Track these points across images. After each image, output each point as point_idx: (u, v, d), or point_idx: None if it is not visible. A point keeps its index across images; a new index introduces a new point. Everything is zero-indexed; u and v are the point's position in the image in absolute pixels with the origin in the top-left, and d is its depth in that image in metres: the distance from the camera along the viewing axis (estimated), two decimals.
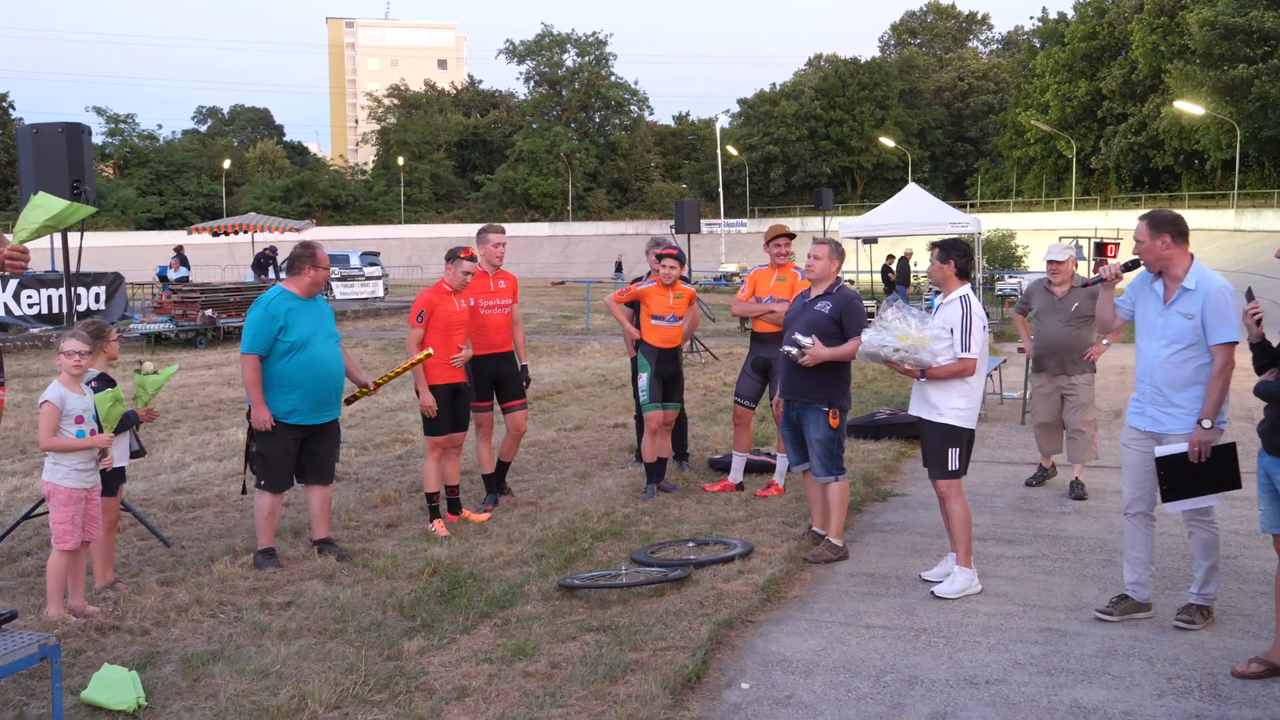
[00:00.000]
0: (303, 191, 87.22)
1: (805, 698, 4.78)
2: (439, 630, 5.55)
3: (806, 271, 7.15)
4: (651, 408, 8.53)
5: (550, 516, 7.82)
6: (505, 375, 8.21)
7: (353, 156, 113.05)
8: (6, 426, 12.20)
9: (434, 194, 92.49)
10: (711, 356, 18.47)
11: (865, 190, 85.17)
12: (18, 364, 18.84)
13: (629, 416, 12.22)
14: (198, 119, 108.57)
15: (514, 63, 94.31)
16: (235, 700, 4.72)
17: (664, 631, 5.48)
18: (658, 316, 8.53)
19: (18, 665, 4.02)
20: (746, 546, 6.88)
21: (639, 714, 4.51)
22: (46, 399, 5.73)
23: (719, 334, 23.07)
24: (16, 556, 6.98)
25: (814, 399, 6.81)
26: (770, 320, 8.43)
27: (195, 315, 22.73)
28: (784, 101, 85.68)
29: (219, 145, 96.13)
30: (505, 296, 8.14)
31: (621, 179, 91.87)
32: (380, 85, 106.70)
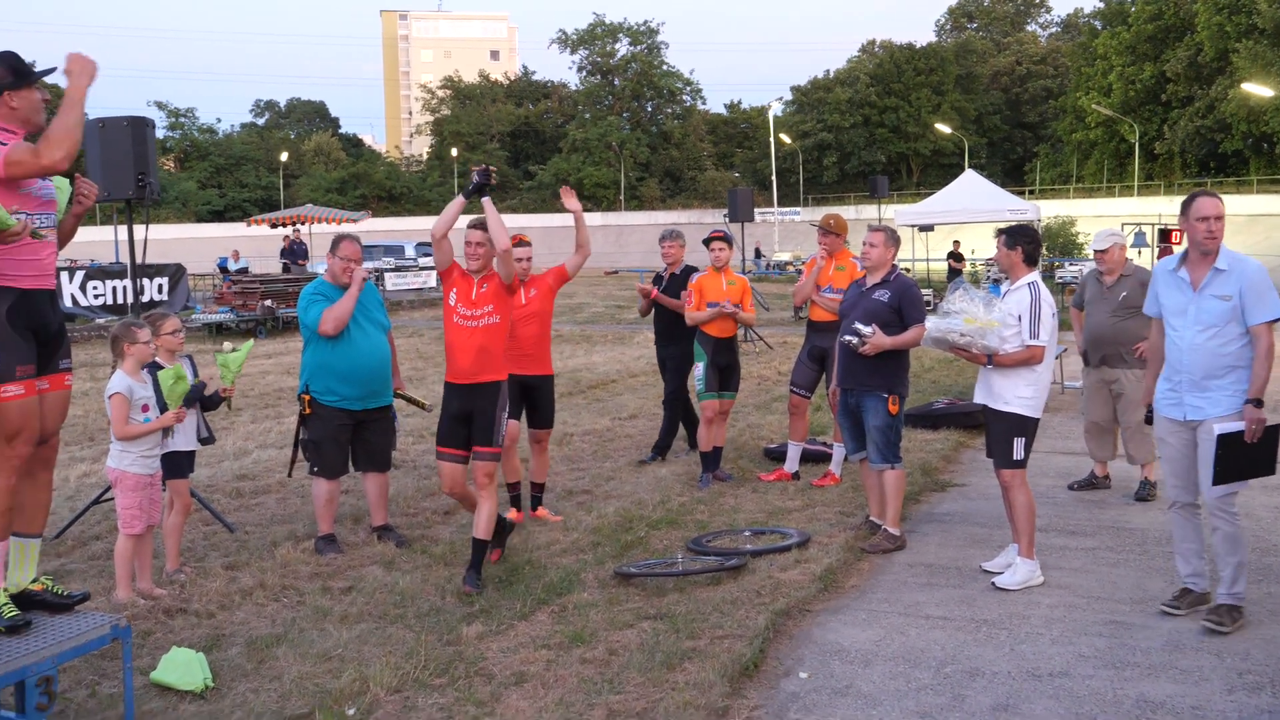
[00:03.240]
0: (358, 183, 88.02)
1: (864, 688, 4.75)
2: (497, 616, 5.59)
3: (862, 259, 7.11)
4: (708, 396, 8.52)
5: (606, 505, 7.84)
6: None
7: (407, 148, 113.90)
8: (75, 414, 12.47)
9: None
10: (766, 346, 18.40)
11: (921, 177, 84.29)
12: (84, 354, 19.24)
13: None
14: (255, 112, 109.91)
15: (566, 52, 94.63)
16: (299, 682, 4.79)
17: (721, 620, 5.48)
18: (713, 303, 8.51)
19: (91, 645, 4.11)
20: (803, 536, 6.85)
21: (697, 702, 4.52)
22: (116, 391, 5.84)
23: (773, 323, 22.97)
24: (86, 540, 7.14)
25: (873, 386, 6.77)
26: (826, 307, 8.38)
27: (255, 305, 23.07)
28: (838, 88, 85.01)
29: (276, 138, 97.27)
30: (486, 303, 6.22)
31: (674, 168, 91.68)
32: (434, 77, 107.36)
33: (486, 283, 6.19)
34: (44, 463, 4.32)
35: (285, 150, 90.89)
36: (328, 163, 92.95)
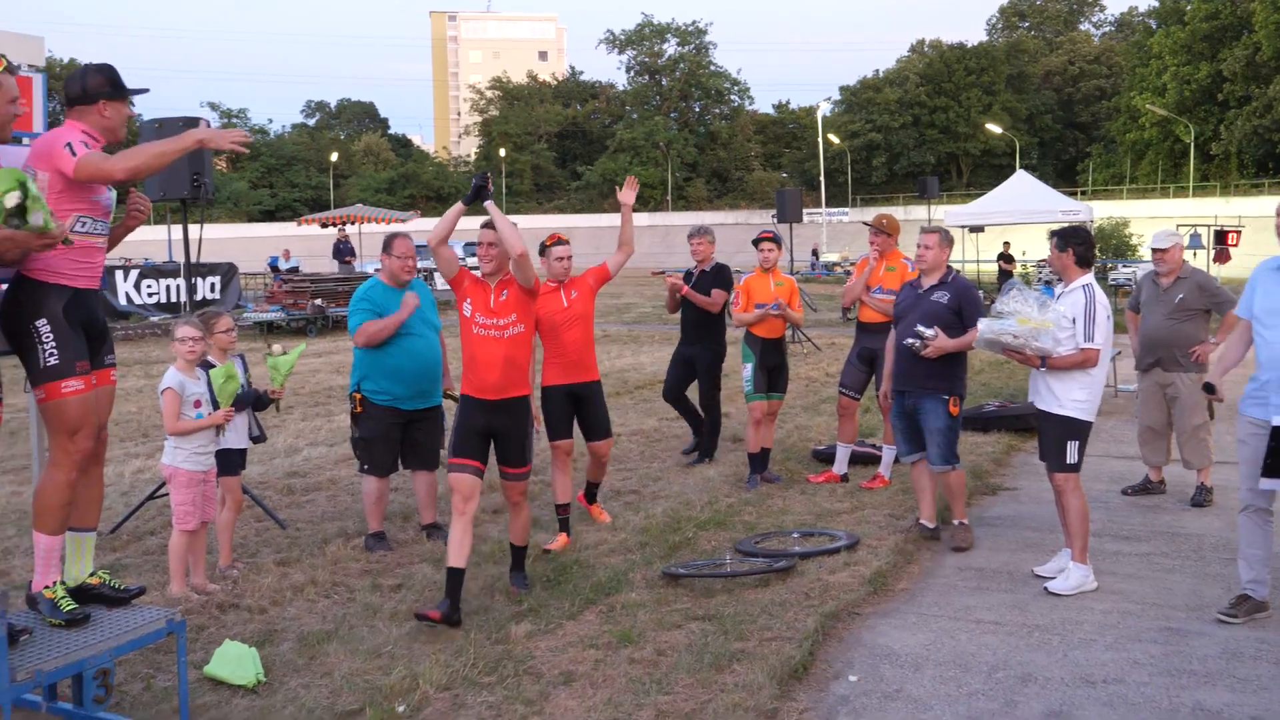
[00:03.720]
0: (407, 183, 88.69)
1: (915, 692, 4.71)
2: (546, 615, 5.60)
3: (917, 261, 7.05)
4: (755, 398, 8.50)
5: (654, 505, 7.84)
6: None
7: (455, 148, 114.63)
8: (129, 410, 12.68)
9: (535, 185, 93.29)
10: (814, 347, 18.31)
11: (971, 178, 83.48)
12: (138, 351, 19.56)
13: (730, 406, 12.19)
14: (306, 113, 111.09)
15: (614, 53, 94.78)
16: (349, 679, 4.83)
17: (769, 622, 5.46)
18: (760, 305, 8.48)
19: (147, 639, 4.16)
20: (852, 538, 6.81)
21: (745, 703, 4.50)
22: (168, 386, 5.94)
23: (821, 324, 22.86)
24: (141, 535, 7.25)
25: (932, 388, 6.73)
26: (876, 308, 8.32)
27: (305, 304, 23.30)
28: (887, 88, 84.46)
29: (326, 139, 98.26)
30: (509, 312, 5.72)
31: (721, 168, 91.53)
32: (482, 77, 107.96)
33: (506, 289, 5.67)
34: (94, 457, 4.39)
35: (335, 151, 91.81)
36: (377, 163, 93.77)
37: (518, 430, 5.71)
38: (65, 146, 3.98)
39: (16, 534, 7.12)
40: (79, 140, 4.01)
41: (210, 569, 6.28)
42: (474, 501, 5.59)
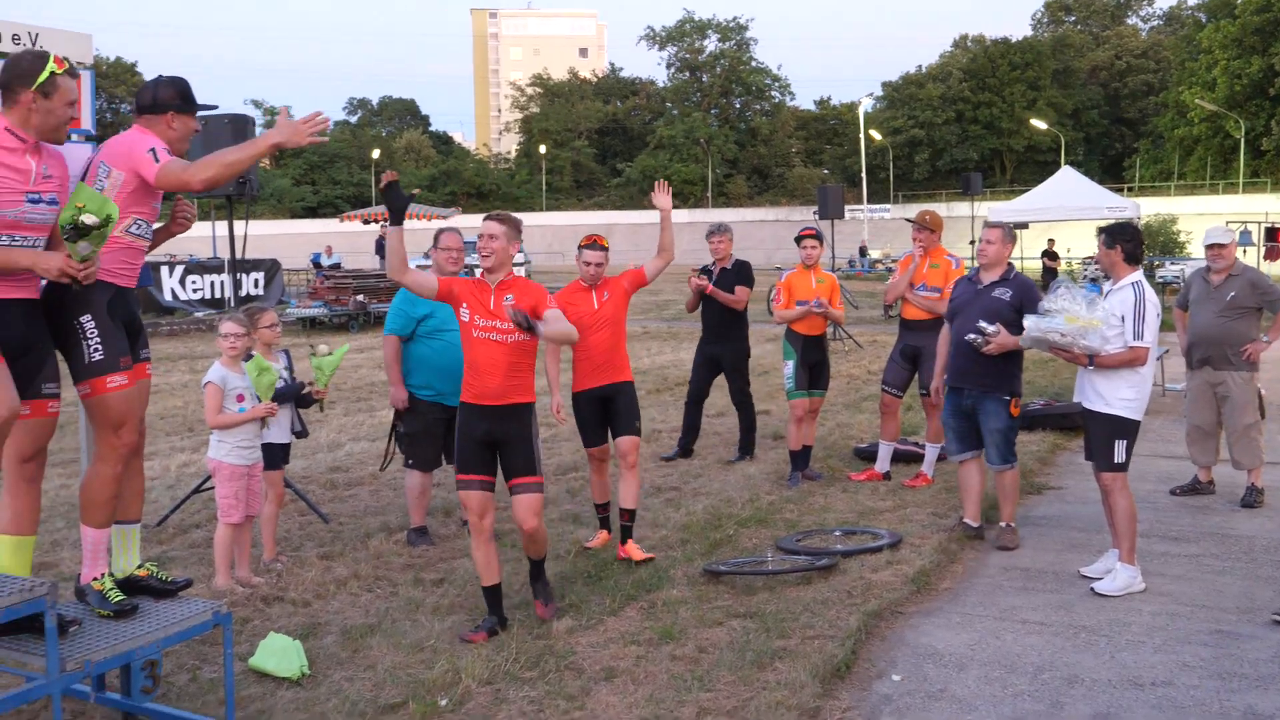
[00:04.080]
0: (448, 180, 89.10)
1: (959, 692, 4.67)
2: (587, 611, 5.61)
3: (978, 257, 6.95)
4: (797, 395, 8.46)
5: (694, 502, 7.82)
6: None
7: (496, 145, 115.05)
8: (174, 405, 12.84)
9: (575, 181, 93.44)
10: (855, 344, 18.20)
11: (1014, 174, 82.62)
12: (184, 346, 19.80)
13: (771, 403, 12.17)
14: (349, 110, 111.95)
15: (654, 49, 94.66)
16: (393, 672, 4.86)
17: (812, 620, 5.43)
18: (801, 302, 8.44)
19: (194, 631, 4.20)
20: (895, 537, 6.76)
21: (788, 701, 4.48)
22: (210, 380, 6.01)
23: (862, 321, 22.72)
24: (187, 528, 7.33)
25: (992, 387, 6.66)
26: (920, 305, 8.25)
27: (348, 300, 23.48)
28: (930, 84, 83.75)
29: (368, 136, 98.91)
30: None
31: (762, 165, 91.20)
32: (523, 74, 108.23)
33: (509, 292, 5.26)
34: (134, 450, 4.44)
35: (377, 147, 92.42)
36: (418, 160, 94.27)
37: (522, 437, 5.29)
38: (149, 151, 4.04)
39: (65, 526, 7.22)
40: (162, 147, 4.08)
41: (254, 562, 6.33)
42: (489, 516, 5.32)
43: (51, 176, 3.88)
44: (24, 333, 3.85)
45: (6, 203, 3.69)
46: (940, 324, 8.25)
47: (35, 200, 3.80)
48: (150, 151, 4.02)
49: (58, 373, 4.09)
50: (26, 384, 3.86)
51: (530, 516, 5.32)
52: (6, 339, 3.77)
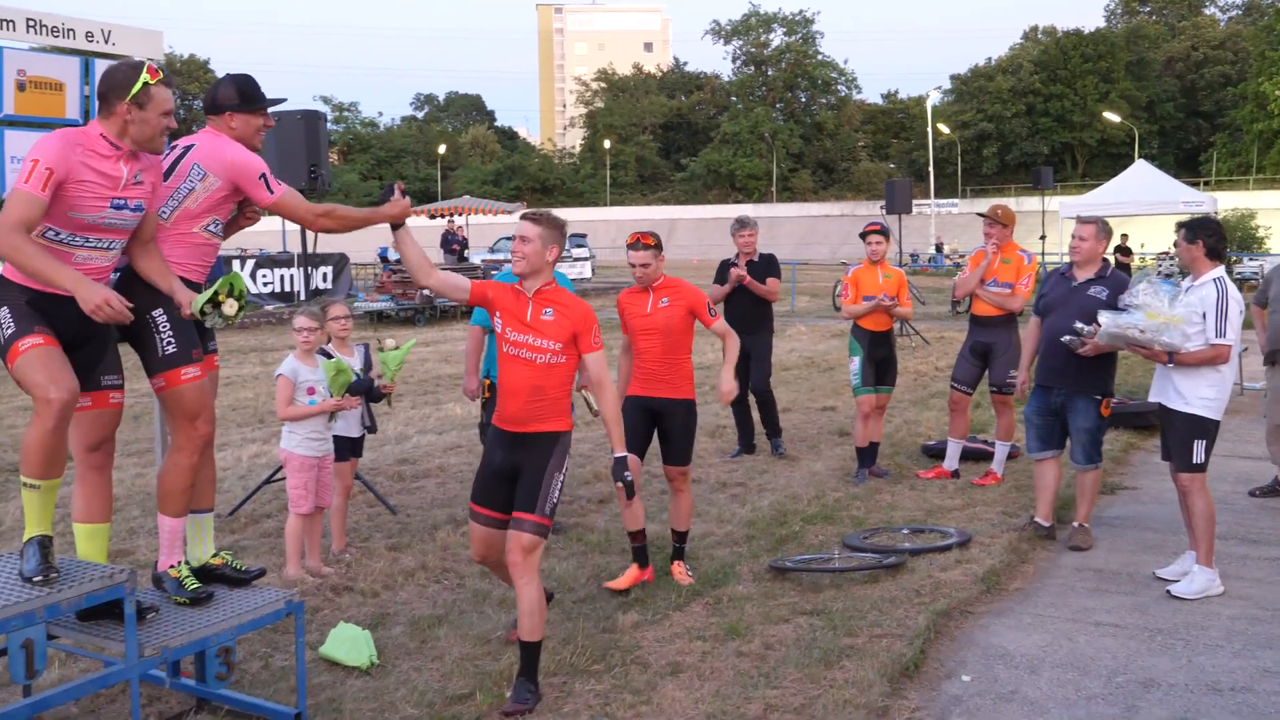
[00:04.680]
0: (513, 175, 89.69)
1: (1031, 694, 4.59)
2: (652, 606, 5.60)
3: (1071, 253, 6.79)
4: (863, 391, 8.38)
5: (760, 498, 7.78)
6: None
7: (560, 140, 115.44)
8: (245, 397, 13.05)
9: (639, 176, 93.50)
10: (922, 340, 18.00)
11: (1086, 168, 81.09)
12: (254, 339, 20.13)
13: (837, 400, 12.07)
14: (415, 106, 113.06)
15: (720, 43, 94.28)
16: (460, 663, 4.89)
17: (879, 618, 5.37)
18: (869, 297, 8.35)
19: (267, 619, 4.27)
20: (964, 535, 6.67)
21: (856, 700, 4.43)
22: (281, 372, 6.10)
23: (929, 317, 22.46)
24: (259, 518, 7.44)
25: (1084, 387, 6.54)
26: (990, 301, 8.12)
27: (414, 294, 23.69)
28: (999, 76, 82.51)
29: (434, 131, 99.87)
30: (552, 335, 4.64)
31: (827, 159, 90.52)
32: (588, 69, 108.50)
33: (551, 306, 4.63)
34: (206, 440, 4.51)
35: (443, 143, 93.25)
36: (484, 155, 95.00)
37: (536, 467, 4.59)
38: (260, 178, 4.18)
39: (141, 515, 7.37)
40: (264, 170, 4.21)
41: (324, 553, 6.42)
42: (496, 555, 4.75)
43: (142, 183, 3.96)
44: (81, 327, 3.92)
45: (90, 206, 3.77)
46: (1012, 320, 8.16)
47: (120, 206, 3.87)
48: (262, 178, 4.17)
49: (119, 365, 4.16)
50: (86, 376, 3.94)
51: (518, 552, 4.50)
52: (65, 332, 3.86)
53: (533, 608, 4.51)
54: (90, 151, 3.77)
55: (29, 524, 3.82)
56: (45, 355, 3.72)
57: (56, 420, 3.68)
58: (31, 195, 3.60)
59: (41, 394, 3.65)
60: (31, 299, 3.81)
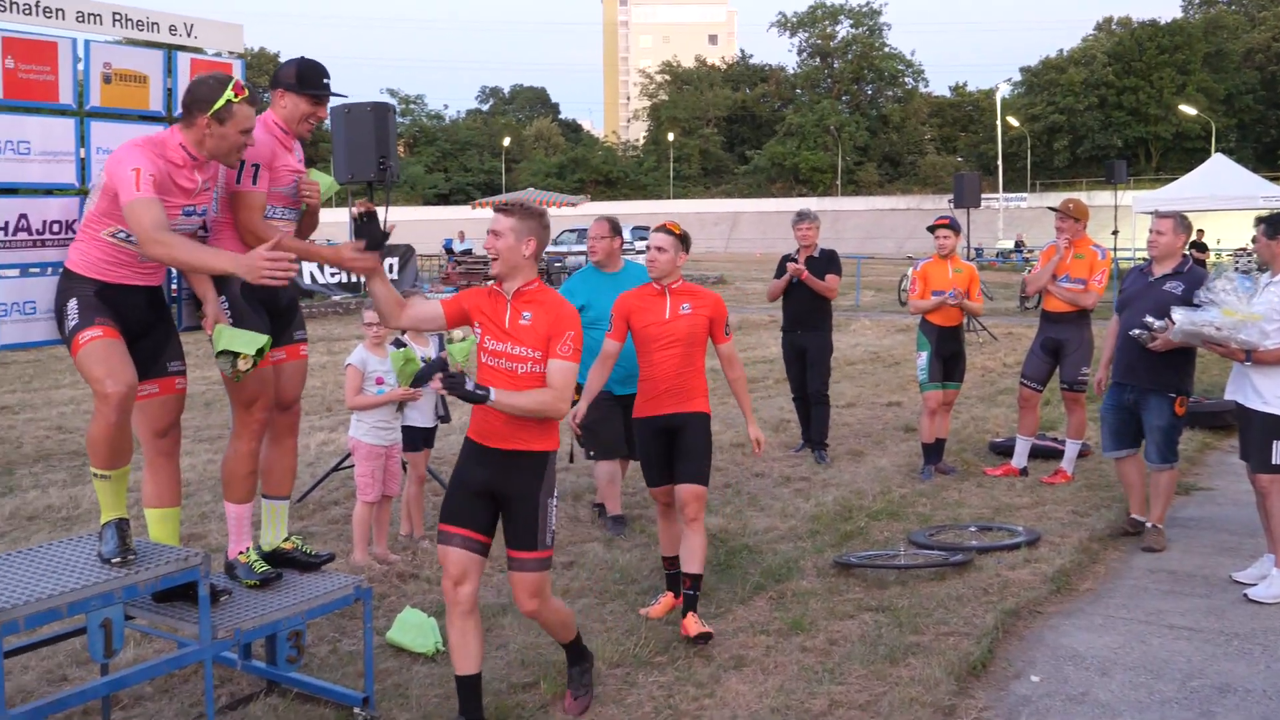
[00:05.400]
0: (576, 168, 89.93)
1: (1102, 696, 4.51)
2: (715, 599, 5.59)
3: (1149, 248, 6.67)
4: (931, 387, 8.29)
5: (824, 493, 7.73)
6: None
7: (624, 133, 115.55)
8: (313, 386, 13.24)
9: (702, 169, 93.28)
10: (990, 336, 17.76)
11: (1160, 162, 79.37)
12: (321, 328, 20.40)
13: (903, 395, 11.96)
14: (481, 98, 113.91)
15: (785, 35, 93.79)
16: (524, 652, 4.92)
17: (946, 616, 5.31)
18: (938, 292, 8.25)
19: (336, 604, 4.33)
20: (1032, 534, 6.58)
21: (922, 698, 4.39)
22: (350, 362, 6.19)
23: (997, 313, 22.14)
24: (326, 505, 7.55)
25: (1159, 385, 6.43)
26: (1063, 297, 7.98)
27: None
28: (1071, 68, 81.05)
29: (499, 124, 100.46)
30: (529, 342, 4.09)
31: (893, 152, 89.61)
32: (652, 62, 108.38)
33: (530, 309, 4.08)
34: (288, 429, 4.58)
35: (508, 135, 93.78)
36: (547, 148, 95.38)
37: (526, 496, 4.09)
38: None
39: (212, 500, 7.50)
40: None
41: (391, 540, 6.49)
42: (468, 583, 4.09)
43: (208, 189, 4.08)
44: (145, 316, 4.05)
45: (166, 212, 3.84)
46: (1084, 317, 8.02)
47: (189, 213, 3.99)
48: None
49: (182, 350, 4.26)
50: (151, 363, 4.04)
51: (527, 599, 4.14)
52: (129, 320, 3.96)
53: (559, 623, 4.31)
54: (170, 162, 3.87)
55: (104, 509, 3.91)
56: (105, 348, 3.80)
57: (117, 413, 3.76)
58: (149, 199, 3.71)
59: (100, 388, 3.74)
60: (99, 290, 3.91)
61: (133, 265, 3.97)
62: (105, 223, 3.89)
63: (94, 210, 3.91)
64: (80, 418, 10.76)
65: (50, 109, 4.21)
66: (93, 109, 4.33)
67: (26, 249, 4.14)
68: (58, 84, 4.20)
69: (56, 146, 4.21)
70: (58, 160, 4.22)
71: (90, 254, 3.92)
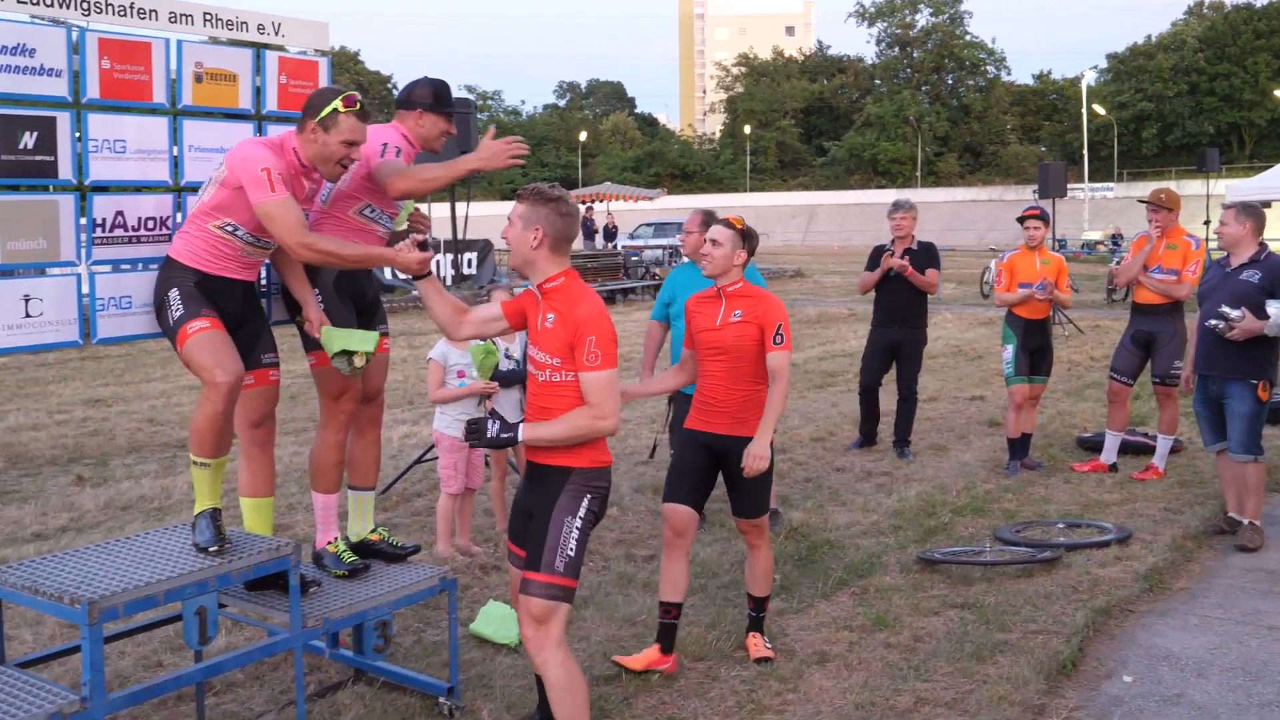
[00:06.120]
0: (652, 161, 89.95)
1: (1198, 698, 4.39)
2: (797, 594, 5.55)
3: (1219, 239, 6.51)
4: (1016, 381, 8.13)
5: (907, 488, 7.63)
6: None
7: (700, 126, 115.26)
8: (395, 379, 13.41)
9: (779, 161, 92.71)
10: (1076, 329, 17.38)
11: (1255, 149, 76.96)
12: (402, 323, 20.67)
13: (986, 389, 11.77)
14: (558, 94, 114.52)
15: (863, 25, 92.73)
16: (605, 645, 4.94)
17: (1034, 614, 5.21)
18: (1025, 284, 8.09)
19: (421, 595, 4.37)
20: (1123, 531, 6.42)
21: (1011, 697, 4.31)
22: (432, 357, 6.26)
23: (1083, 305, 21.66)
24: (409, 497, 7.64)
25: (1239, 373, 6.27)
26: (1155, 289, 7.77)
27: None
28: (1161, 54, 78.95)
29: (575, 119, 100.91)
30: (553, 349, 3.73)
31: (974, 143, 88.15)
32: (728, 54, 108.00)
33: (554, 311, 3.70)
34: (372, 420, 4.65)
35: (584, 130, 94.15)
36: (624, 142, 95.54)
37: (543, 511, 3.73)
38: (381, 145, 4.25)
39: (298, 491, 7.64)
40: (394, 143, 4.29)
41: (474, 532, 6.55)
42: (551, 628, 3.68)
43: (310, 199, 4.19)
44: (241, 309, 4.15)
45: None
46: (1177, 309, 7.81)
47: None
48: (382, 146, 4.22)
49: (275, 343, 4.34)
50: (246, 355, 4.12)
51: (527, 622, 3.71)
52: (226, 313, 4.05)
53: (565, 687, 3.65)
54: (285, 164, 3.96)
55: (200, 498, 3.99)
56: (212, 338, 3.90)
57: (224, 402, 3.85)
58: (284, 199, 3.84)
59: (209, 376, 3.83)
60: (200, 280, 4.00)
61: (236, 259, 4.07)
62: (216, 215, 3.99)
63: (207, 202, 4.00)
64: (171, 410, 11.03)
65: (144, 108, 4.31)
66: (185, 107, 4.42)
67: (123, 245, 4.25)
68: (151, 83, 4.30)
69: (151, 145, 4.31)
70: (152, 158, 4.32)
71: (196, 245, 4.02)
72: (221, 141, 4.48)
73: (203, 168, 4.45)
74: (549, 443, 3.67)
